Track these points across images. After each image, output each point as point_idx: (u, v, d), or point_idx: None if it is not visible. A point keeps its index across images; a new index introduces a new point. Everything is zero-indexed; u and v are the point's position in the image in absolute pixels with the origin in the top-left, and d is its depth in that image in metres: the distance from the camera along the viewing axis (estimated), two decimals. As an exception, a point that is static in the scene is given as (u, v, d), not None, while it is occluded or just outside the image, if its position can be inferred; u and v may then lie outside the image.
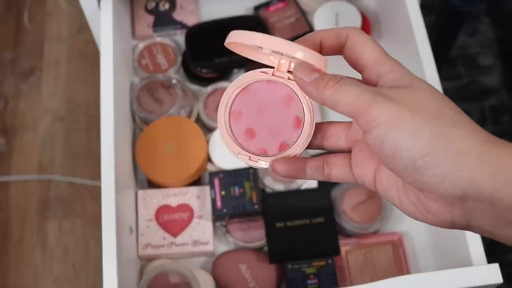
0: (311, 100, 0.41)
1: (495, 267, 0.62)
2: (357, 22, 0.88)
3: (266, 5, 0.94)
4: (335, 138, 0.41)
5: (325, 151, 0.42)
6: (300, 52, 0.38)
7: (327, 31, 0.40)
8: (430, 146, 0.34)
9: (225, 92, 0.42)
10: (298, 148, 0.41)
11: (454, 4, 0.94)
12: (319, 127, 0.41)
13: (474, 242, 0.66)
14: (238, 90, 0.42)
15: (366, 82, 0.38)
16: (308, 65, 0.38)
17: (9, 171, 1.00)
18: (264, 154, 0.41)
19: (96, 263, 0.92)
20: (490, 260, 0.64)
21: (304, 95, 0.41)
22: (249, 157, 0.41)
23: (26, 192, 0.98)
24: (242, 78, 0.42)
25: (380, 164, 0.39)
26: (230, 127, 0.42)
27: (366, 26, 0.90)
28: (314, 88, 0.37)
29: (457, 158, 0.34)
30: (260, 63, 0.42)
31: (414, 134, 0.34)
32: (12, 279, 0.92)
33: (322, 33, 0.40)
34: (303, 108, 0.41)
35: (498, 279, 0.62)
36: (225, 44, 0.40)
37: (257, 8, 0.94)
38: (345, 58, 0.40)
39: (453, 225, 0.36)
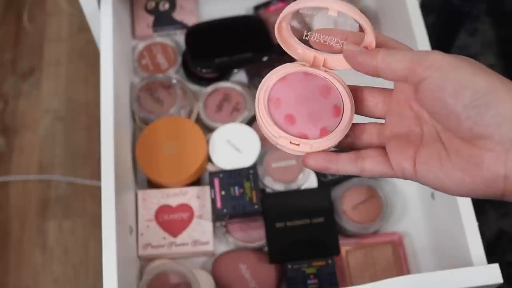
0: (349, 90, 0.42)
1: (495, 267, 0.62)
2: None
3: (266, 5, 0.94)
4: (368, 134, 0.42)
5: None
6: (364, 20, 0.39)
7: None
8: (492, 85, 0.36)
9: (263, 80, 0.42)
10: (339, 133, 0.41)
11: (454, 4, 0.94)
12: (352, 126, 0.42)
13: (474, 242, 0.66)
14: (276, 79, 0.42)
15: None
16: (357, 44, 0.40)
17: (9, 171, 1.00)
18: (304, 138, 0.41)
19: (96, 263, 0.92)
20: (490, 260, 0.64)
21: (343, 84, 0.42)
22: (290, 140, 0.41)
23: (26, 192, 0.98)
24: (280, 68, 0.42)
25: (421, 145, 0.39)
26: (270, 112, 0.41)
27: (366, 26, 0.90)
28: (366, 55, 0.39)
29: None
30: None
31: (476, 74, 0.36)
32: (12, 279, 0.92)
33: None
34: (341, 98, 0.42)
35: (498, 279, 0.62)
36: (280, 19, 0.40)
37: (257, 8, 0.94)
38: None
39: (505, 183, 0.36)
